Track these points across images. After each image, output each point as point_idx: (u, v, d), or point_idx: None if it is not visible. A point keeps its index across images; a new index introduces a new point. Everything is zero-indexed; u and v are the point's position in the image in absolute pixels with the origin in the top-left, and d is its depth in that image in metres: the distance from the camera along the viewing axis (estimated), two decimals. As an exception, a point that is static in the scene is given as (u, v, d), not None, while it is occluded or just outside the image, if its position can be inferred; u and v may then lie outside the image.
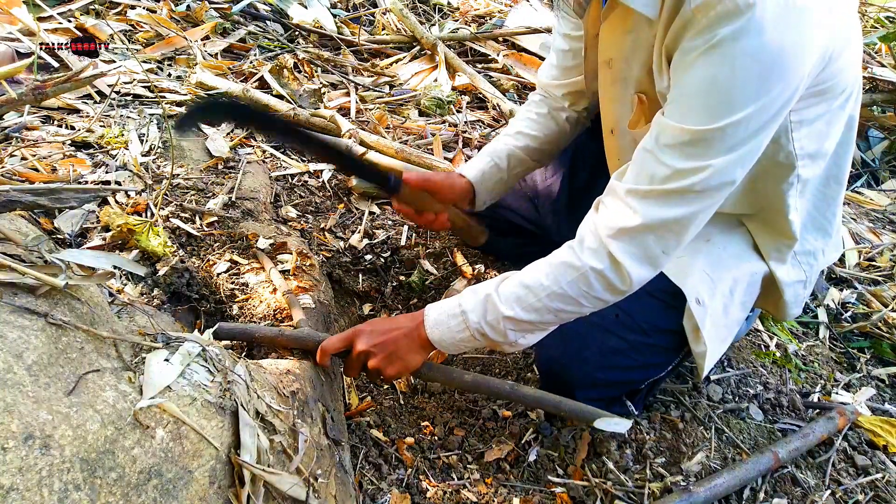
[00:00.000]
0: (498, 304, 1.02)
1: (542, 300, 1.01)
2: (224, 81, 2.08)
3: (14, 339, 0.67)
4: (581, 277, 0.98)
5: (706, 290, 1.17)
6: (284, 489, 0.80)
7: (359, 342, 1.08)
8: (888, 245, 2.05)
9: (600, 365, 1.20)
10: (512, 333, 1.05)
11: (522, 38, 2.86)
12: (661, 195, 0.93)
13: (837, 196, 1.20)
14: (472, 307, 1.05)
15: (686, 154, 0.90)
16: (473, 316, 1.04)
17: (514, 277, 1.05)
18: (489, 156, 1.44)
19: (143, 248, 1.25)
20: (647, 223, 0.93)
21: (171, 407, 0.73)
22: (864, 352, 1.68)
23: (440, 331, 1.07)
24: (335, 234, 1.71)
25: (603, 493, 1.18)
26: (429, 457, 1.25)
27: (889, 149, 2.72)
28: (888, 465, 1.31)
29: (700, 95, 0.88)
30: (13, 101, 0.99)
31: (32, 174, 1.35)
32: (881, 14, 3.34)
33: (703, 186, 0.91)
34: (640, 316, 1.21)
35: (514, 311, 1.02)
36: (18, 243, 0.87)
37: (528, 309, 1.02)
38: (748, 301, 1.24)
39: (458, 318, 1.05)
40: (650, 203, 0.93)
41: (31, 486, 0.56)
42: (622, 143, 1.23)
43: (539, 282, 1.01)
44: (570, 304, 1.01)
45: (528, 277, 1.02)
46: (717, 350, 1.21)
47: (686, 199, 0.93)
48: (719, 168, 0.90)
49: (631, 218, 0.94)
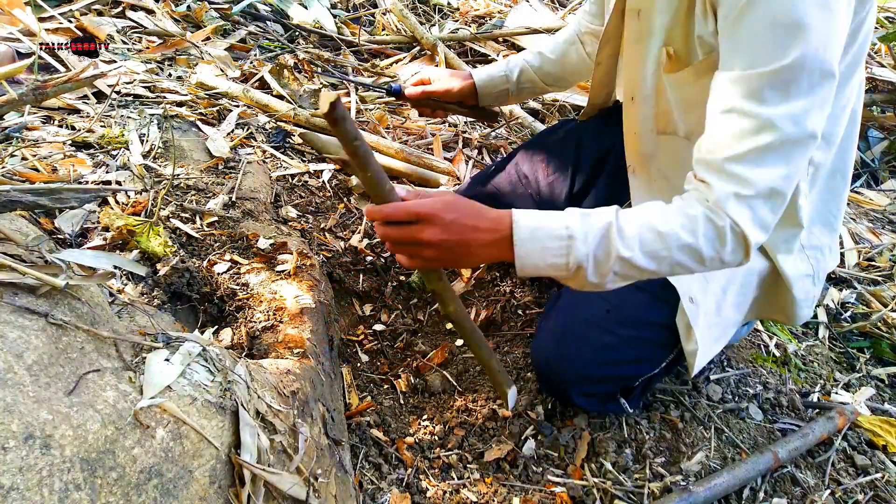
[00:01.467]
0: (616, 240, 0.91)
1: (672, 250, 0.92)
2: (224, 81, 2.08)
3: (14, 339, 0.67)
4: (720, 235, 0.92)
5: (699, 288, 1.17)
6: (284, 489, 0.80)
7: (427, 231, 0.89)
8: (888, 245, 2.05)
9: (593, 361, 1.20)
10: (612, 276, 0.94)
11: (522, 38, 2.86)
12: (759, 153, 0.90)
13: (843, 191, 1.20)
14: (583, 235, 0.91)
15: (766, 99, 0.88)
16: (583, 246, 0.91)
17: (635, 217, 0.94)
18: (503, 64, 1.53)
19: (143, 248, 1.25)
20: (758, 190, 0.90)
21: (171, 407, 0.73)
22: (863, 352, 1.68)
23: (530, 249, 0.92)
24: (335, 234, 1.72)
25: (602, 492, 1.18)
26: (429, 457, 1.25)
27: (889, 149, 2.72)
28: (888, 465, 1.31)
29: (764, 34, 0.86)
30: (13, 101, 0.99)
31: (33, 174, 1.35)
32: (881, 14, 3.34)
33: (795, 133, 0.89)
34: (630, 310, 1.21)
35: (633, 254, 0.92)
36: (19, 243, 0.87)
37: (649, 255, 0.92)
38: (742, 303, 1.24)
39: (561, 242, 0.92)
40: (752, 165, 0.90)
41: (32, 485, 0.56)
42: (643, 111, 1.22)
43: (673, 231, 0.92)
44: (693, 261, 0.94)
45: (659, 222, 0.93)
46: (708, 349, 1.20)
47: (783, 154, 0.90)
48: (806, 109, 0.88)
49: (742, 186, 0.91)
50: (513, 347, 1.49)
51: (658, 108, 1.19)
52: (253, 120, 1.97)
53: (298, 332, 1.18)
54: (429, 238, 0.89)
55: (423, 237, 0.89)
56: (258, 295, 1.29)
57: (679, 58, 1.08)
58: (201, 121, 1.84)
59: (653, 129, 1.22)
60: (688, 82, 1.08)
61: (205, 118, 1.87)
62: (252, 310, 1.26)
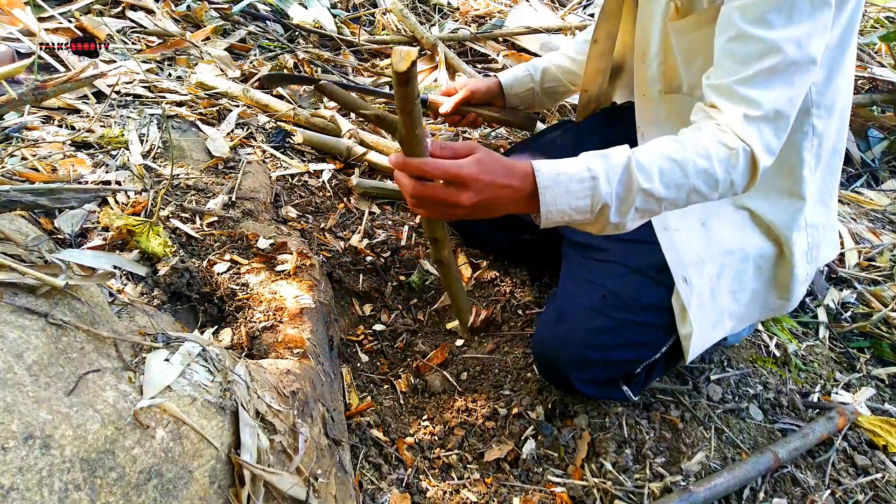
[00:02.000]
0: (636, 173, 0.92)
1: (689, 177, 0.94)
2: (224, 81, 2.08)
3: (14, 339, 0.67)
4: (732, 156, 0.95)
5: (694, 270, 1.18)
6: (284, 489, 0.80)
7: (465, 194, 0.89)
8: (888, 245, 2.05)
9: (589, 344, 1.21)
10: (633, 213, 0.95)
11: (522, 38, 2.86)
12: (766, 76, 0.94)
13: (837, 170, 1.24)
14: (605, 174, 0.92)
15: (771, 23, 0.93)
16: (606, 185, 0.91)
17: (651, 150, 0.95)
18: (528, 65, 1.59)
19: (143, 248, 1.25)
20: (765, 111, 0.94)
21: (171, 407, 0.73)
22: (863, 352, 1.68)
23: (555, 194, 0.92)
24: (335, 234, 1.71)
25: (602, 492, 1.18)
26: (429, 457, 1.25)
27: (889, 149, 2.72)
28: (888, 465, 1.31)
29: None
30: (13, 101, 0.99)
31: (32, 174, 1.35)
32: (881, 14, 3.34)
33: (798, 56, 0.93)
34: (625, 294, 1.22)
35: (653, 185, 0.93)
36: (19, 243, 0.87)
37: (669, 185, 0.93)
38: (739, 292, 1.24)
39: (585, 184, 0.92)
40: (759, 87, 0.94)
41: (32, 485, 0.56)
42: (651, 71, 1.27)
43: (689, 158, 0.93)
44: (708, 186, 0.96)
45: (674, 152, 0.94)
46: (705, 335, 1.21)
47: (787, 76, 0.94)
48: (808, 34, 0.93)
49: (750, 107, 0.95)
50: (513, 347, 1.49)
51: (666, 63, 1.23)
52: (253, 120, 1.97)
53: (298, 333, 1.18)
54: (465, 201, 0.89)
55: (460, 200, 0.89)
56: (258, 295, 1.29)
57: (684, 8, 1.13)
58: (201, 121, 1.84)
59: (661, 88, 1.26)
60: (692, 29, 1.13)
61: (205, 118, 1.87)
62: (252, 310, 1.26)
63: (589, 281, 1.27)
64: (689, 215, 1.21)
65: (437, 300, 1.65)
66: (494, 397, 1.38)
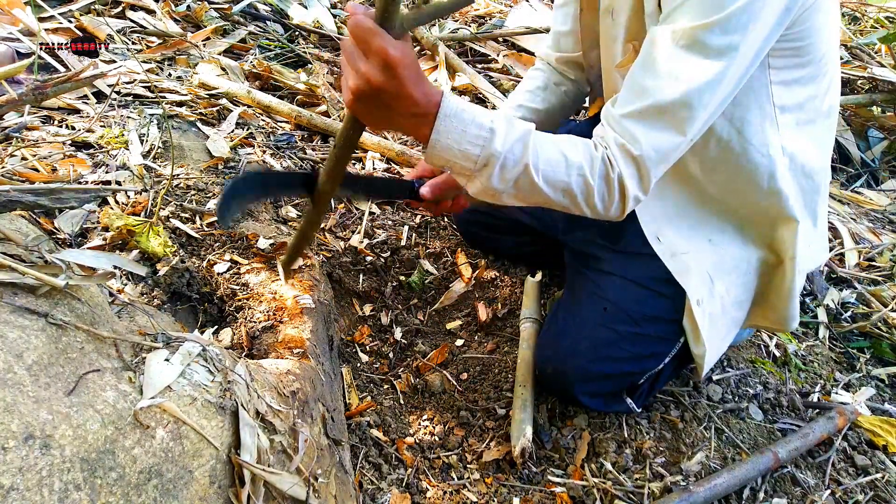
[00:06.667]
0: (531, 149, 0.92)
1: (572, 177, 0.95)
2: (226, 81, 2.08)
3: (14, 339, 0.67)
4: (609, 183, 0.96)
5: (706, 291, 1.18)
6: (284, 489, 0.80)
7: (373, 70, 0.80)
8: (888, 245, 2.05)
9: (592, 357, 1.21)
10: (511, 186, 0.94)
11: (522, 38, 2.85)
12: (653, 115, 0.93)
13: (823, 184, 1.20)
14: (503, 133, 0.90)
15: (682, 59, 0.90)
16: (500, 144, 0.90)
17: (550, 139, 0.96)
18: None
19: (143, 248, 1.25)
20: (643, 151, 0.93)
21: (171, 407, 0.73)
22: (863, 352, 1.68)
23: (450, 127, 0.88)
24: (335, 234, 1.71)
25: (602, 492, 1.18)
26: (429, 457, 1.25)
27: (889, 149, 2.72)
28: (888, 465, 1.31)
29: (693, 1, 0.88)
30: (13, 101, 0.99)
31: (33, 174, 1.35)
32: (881, 14, 3.33)
33: (693, 101, 0.91)
34: (628, 306, 1.22)
35: (537, 168, 0.93)
36: (19, 243, 0.87)
37: (550, 175, 0.94)
38: (744, 299, 1.24)
39: (483, 132, 0.89)
40: (644, 126, 0.93)
41: (32, 485, 0.56)
42: None
43: (578, 161, 0.94)
44: (581, 194, 0.96)
45: (568, 150, 0.95)
46: (716, 349, 1.21)
47: (676, 121, 0.92)
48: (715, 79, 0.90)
49: (631, 143, 0.94)
50: (513, 347, 1.49)
51: None
52: (253, 120, 1.97)
53: (298, 332, 1.18)
54: (373, 77, 0.80)
55: (368, 73, 0.80)
56: (258, 295, 1.29)
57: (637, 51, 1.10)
58: (201, 121, 1.84)
59: None
60: None
61: (205, 118, 1.87)
62: (252, 310, 1.26)
63: (591, 293, 1.27)
64: (695, 234, 1.21)
65: (437, 300, 1.66)
66: (494, 397, 1.38)
